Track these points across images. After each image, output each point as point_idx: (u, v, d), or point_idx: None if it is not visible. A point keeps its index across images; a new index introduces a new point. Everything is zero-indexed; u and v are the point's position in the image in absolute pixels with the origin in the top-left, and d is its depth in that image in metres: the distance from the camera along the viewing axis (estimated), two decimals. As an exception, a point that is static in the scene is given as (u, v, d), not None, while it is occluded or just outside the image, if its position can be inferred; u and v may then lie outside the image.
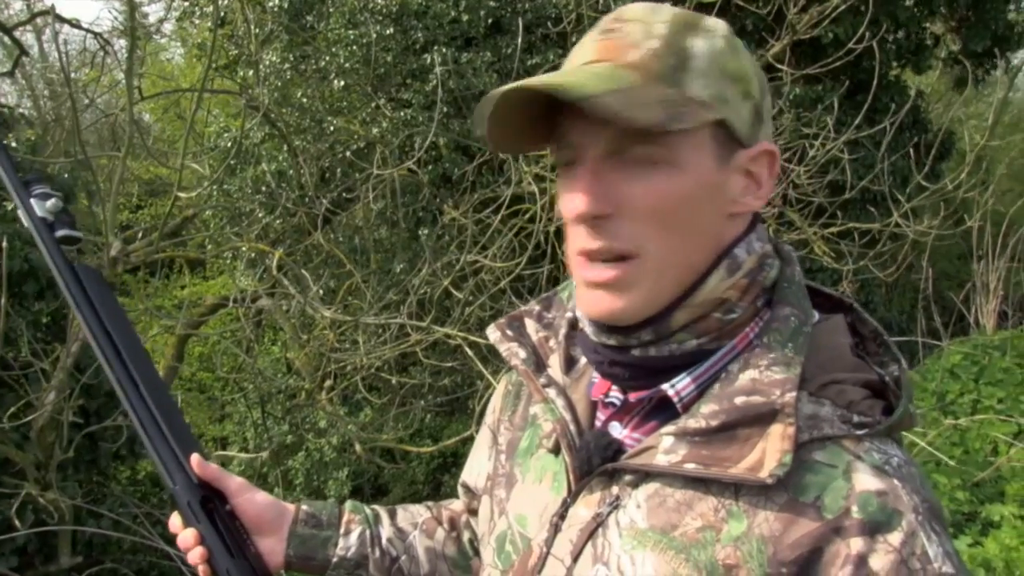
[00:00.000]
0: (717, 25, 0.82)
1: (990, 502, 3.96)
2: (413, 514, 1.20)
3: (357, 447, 4.85)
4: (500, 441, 1.04)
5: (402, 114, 6.22)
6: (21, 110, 9.99)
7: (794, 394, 0.76)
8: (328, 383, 5.14)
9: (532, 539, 0.90)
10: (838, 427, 0.77)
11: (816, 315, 0.86)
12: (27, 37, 12.04)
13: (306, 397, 5.23)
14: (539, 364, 0.96)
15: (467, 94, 6.11)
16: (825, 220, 4.94)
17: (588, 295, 0.82)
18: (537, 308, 1.03)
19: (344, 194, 5.72)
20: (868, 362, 0.85)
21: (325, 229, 5.49)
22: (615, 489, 0.83)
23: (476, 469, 1.11)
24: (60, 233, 1.08)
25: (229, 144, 6.36)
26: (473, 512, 1.16)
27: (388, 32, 6.50)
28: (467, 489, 1.15)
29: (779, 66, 4.87)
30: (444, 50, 6.36)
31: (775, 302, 0.84)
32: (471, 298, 4.09)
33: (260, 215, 5.88)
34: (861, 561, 0.72)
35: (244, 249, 5.12)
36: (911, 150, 5.08)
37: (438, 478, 7.66)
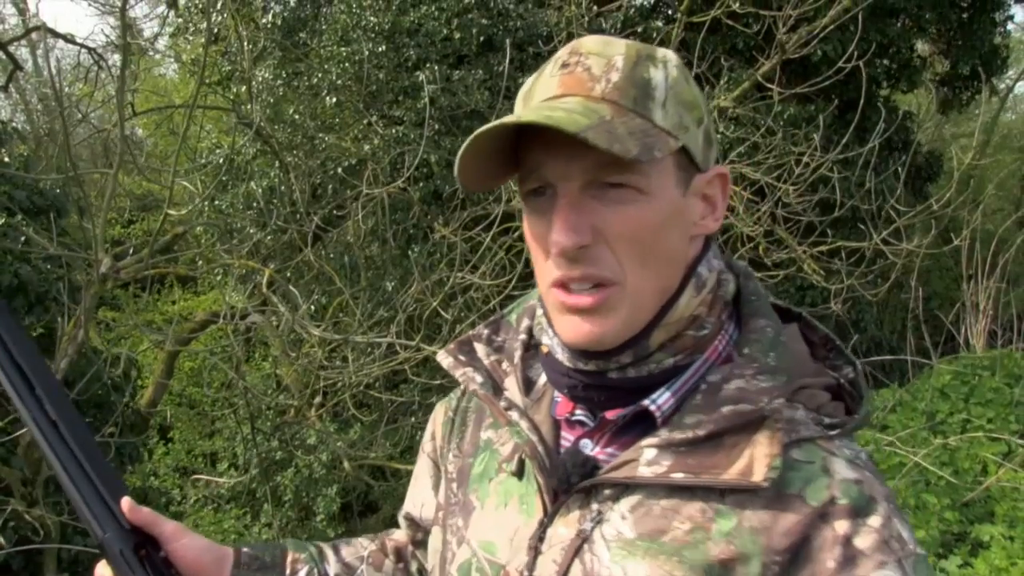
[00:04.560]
0: (669, 56, 0.85)
1: (979, 522, 3.95)
2: (358, 547, 1.17)
3: (346, 464, 4.82)
4: (449, 469, 1.03)
5: (394, 131, 6.23)
6: (15, 124, 9.99)
7: (781, 400, 0.80)
8: (318, 400, 5.13)
9: (506, 564, 0.89)
10: (813, 429, 0.81)
11: None
12: (22, 52, 12.06)
13: (295, 414, 5.21)
14: (496, 387, 0.96)
15: (458, 112, 6.14)
16: (815, 239, 4.96)
17: (567, 321, 0.83)
18: (486, 332, 1.04)
19: (335, 211, 5.73)
20: (823, 366, 0.90)
21: (316, 246, 5.49)
22: (595, 505, 0.84)
23: (420, 500, 1.11)
24: None
25: (221, 160, 6.37)
26: (417, 544, 1.15)
27: (380, 49, 6.52)
28: (411, 521, 1.15)
29: (769, 85, 4.91)
30: (436, 68, 6.39)
31: (747, 315, 0.88)
32: (461, 316, 4.09)
33: (251, 231, 5.88)
34: (847, 541, 0.76)
35: (235, 266, 5.12)
36: (899, 169, 5.11)
37: (428, 495, 7.60)
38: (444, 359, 1.01)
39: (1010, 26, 9.93)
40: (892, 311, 9.88)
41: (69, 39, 5.55)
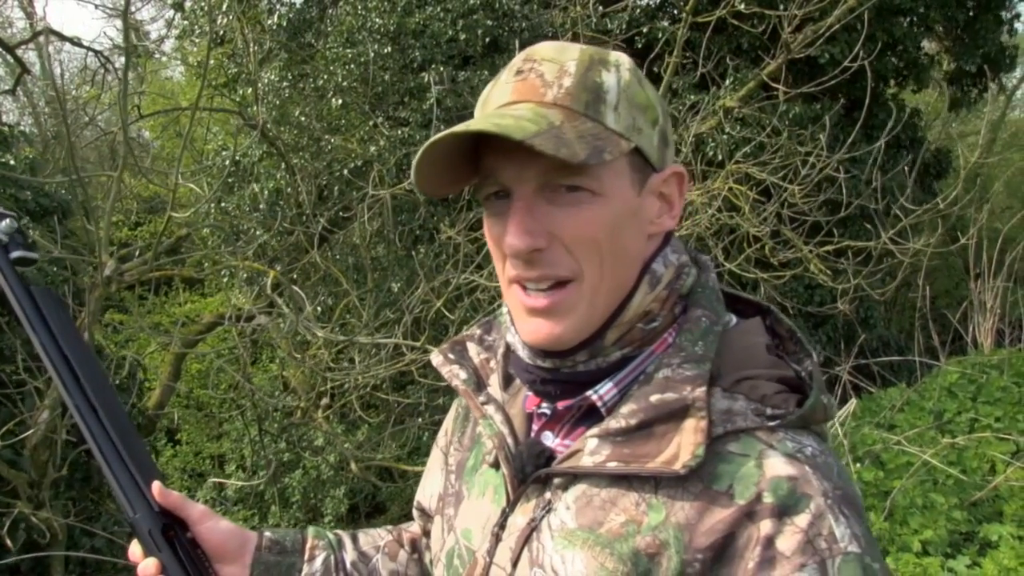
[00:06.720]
0: (621, 59, 0.87)
1: (988, 522, 3.93)
2: (375, 537, 1.21)
3: (353, 466, 4.83)
4: (451, 462, 1.09)
5: (399, 132, 6.24)
6: (22, 127, 10.03)
7: (704, 389, 0.81)
8: (324, 401, 5.13)
9: (476, 551, 0.94)
10: (751, 420, 0.81)
11: (734, 319, 0.92)
12: (30, 55, 12.11)
13: (302, 415, 5.22)
14: (480, 384, 1.02)
15: (464, 113, 6.13)
16: (821, 238, 4.94)
17: (527, 323, 0.87)
18: (479, 332, 1.09)
19: (341, 212, 5.74)
20: (787, 360, 0.89)
21: (322, 247, 5.49)
22: (547, 494, 0.88)
23: (429, 491, 1.16)
24: (15, 255, 1.05)
25: (227, 162, 6.38)
26: (428, 533, 1.19)
27: (386, 51, 6.53)
28: (421, 511, 1.19)
29: (774, 85, 4.89)
30: (441, 69, 6.39)
31: (689, 306, 0.90)
32: (467, 316, 4.09)
33: (258, 233, 5.89)
34: (768, 542, 0.75)
35: (240, 268, 5.13)
36: (907, 168, 5.10)
37: (435, 496, 7.58)
38: (435, 358, 1.06)
39: (1018, 24, 9.89)
40: (900, 310, 9.85)
41: (75, 42, 5.56)
